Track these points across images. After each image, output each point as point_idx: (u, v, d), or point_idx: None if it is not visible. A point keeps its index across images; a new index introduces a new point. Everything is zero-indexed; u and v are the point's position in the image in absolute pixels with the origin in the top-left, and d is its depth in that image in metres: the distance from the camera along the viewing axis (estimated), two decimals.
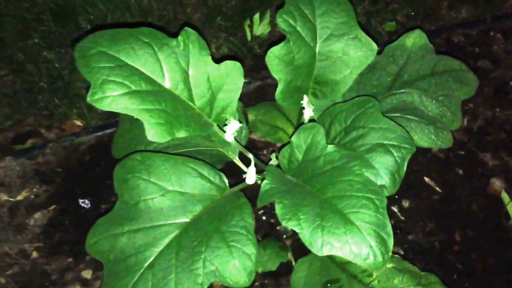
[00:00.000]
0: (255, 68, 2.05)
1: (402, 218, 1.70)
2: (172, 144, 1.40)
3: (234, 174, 1.44)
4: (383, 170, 1.15)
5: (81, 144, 1.87)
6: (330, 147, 1.15)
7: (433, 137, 1.35)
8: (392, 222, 1.66)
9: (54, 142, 1.86)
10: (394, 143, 1.16)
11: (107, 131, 1.90)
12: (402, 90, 1.41)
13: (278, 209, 1.06)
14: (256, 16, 2.08)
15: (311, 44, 1.33)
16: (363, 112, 1.21)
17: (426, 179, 1.78)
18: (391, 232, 1.03)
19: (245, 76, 2.06)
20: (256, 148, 1.84)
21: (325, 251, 1.01)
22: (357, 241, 1.00)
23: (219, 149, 1.40)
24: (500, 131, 1.91)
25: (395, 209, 1.71)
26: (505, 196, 1.72)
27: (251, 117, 1.63)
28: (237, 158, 1.42)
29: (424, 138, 1.34)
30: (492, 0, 2.28)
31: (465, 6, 2.29)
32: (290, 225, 1.04)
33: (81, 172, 1.81)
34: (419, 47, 1.44)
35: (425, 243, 1.65)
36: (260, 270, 1.45)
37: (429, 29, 2.23)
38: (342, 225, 1.02)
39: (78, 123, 1.94)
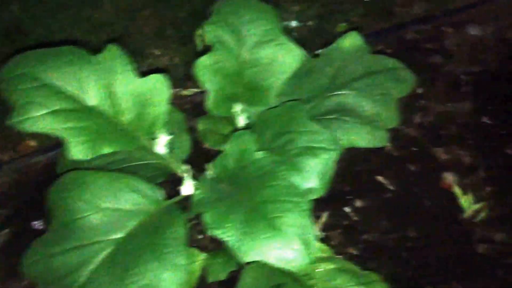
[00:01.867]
0: None
1: (356, 218, 1.70)
2: (117, 159, 1.40)
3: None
4: (311, 173, 1.15)
5: (36, 164, 1.86)
6: (260, 154, 1.15)
7: (369, 136, 1.35)
8: (346, 223, 1.69)
9: (7, 164, 1.84)
10: (321, 145, 1.16)
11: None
12: (338, 92, 1.41)
13: (206, 219, 1.06)
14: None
15: (239, 52, 1.33)
16: (292, 117, 1.21)
17: (379, 177, 1.78)
18: (314, 233, 1.03)
19: (198, 86, 2.07)
20: (210, 157, 1.84)
21: (251, 258, 1.01)
22: (281, 245, 1.01)
23: (160, 161, 1.40)
24: (452, 125, 1.92)
25: (348, 209, 1.71)
26: (457, 189, 1.73)
27: (201, 127, 1.62)
28: (180, 170, 1.42)
29: (360, 138, 1.35)
30: None
31: (417, 2, 2.30)
32: (216, 234, 1.04)
33: (36, 193, 1.79)
34: (355, 48, 1.44)
35: (380, 241, 1.65)
36: (210, 279, 1.45)
37: (382, 27, 2.24)
38: (267, 230, 1.02)
39: (33, 143, 1.92)
